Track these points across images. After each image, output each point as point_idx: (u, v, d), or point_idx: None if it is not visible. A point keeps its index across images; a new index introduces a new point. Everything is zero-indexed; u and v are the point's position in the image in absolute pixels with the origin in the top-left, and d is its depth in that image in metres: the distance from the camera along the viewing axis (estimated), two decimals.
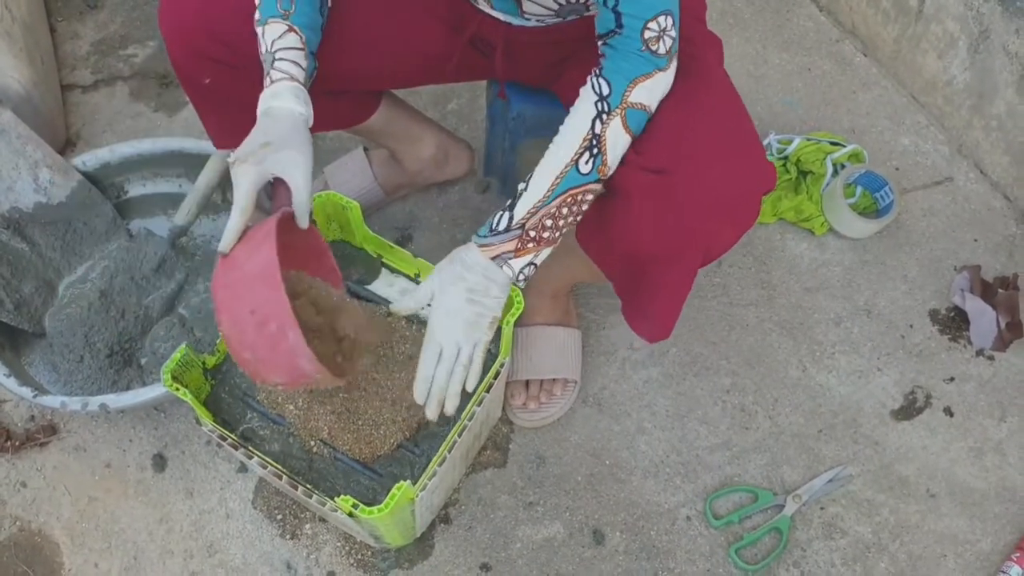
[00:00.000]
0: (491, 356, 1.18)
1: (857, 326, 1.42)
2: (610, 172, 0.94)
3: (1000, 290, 1.41)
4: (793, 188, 1.52)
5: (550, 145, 0.95)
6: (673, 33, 0.90)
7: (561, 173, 0.93)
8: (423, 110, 1.48)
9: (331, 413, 1.11)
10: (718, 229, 0.97)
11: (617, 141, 0.92)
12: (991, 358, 1.40)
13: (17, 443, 1.33)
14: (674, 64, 0.93)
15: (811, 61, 1.71)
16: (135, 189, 1.48)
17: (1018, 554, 1.23)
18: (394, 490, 1.00)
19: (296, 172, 0.94)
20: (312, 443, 1.11)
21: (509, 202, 0.96)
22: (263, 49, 0.98)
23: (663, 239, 0.97)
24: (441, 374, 0.99)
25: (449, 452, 1.07)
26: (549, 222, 0.94)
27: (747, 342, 1.40)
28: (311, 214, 1.01)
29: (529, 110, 1.29)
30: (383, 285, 1.20)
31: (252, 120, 1.22)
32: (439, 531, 1.27)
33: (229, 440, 1.07)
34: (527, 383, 1.34)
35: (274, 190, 0.99)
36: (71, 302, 1.39)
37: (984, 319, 1.39)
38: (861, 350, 1.40)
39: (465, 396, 1.03)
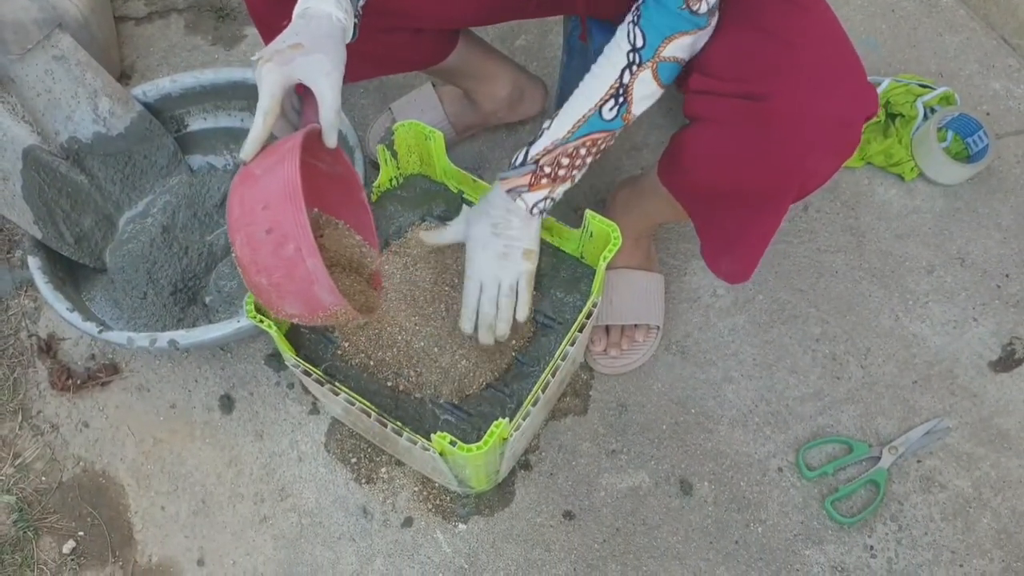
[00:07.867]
0: (581, 296, 1.13)
1: (950, 275, 1.36)
2: (634, 119, 0.94)
3: None
4: (882, 131, 1.44)
5: (579, 85, 0.95)
6: None
7: (584, 117, 0.93)
8: None
9: (417, 351, 1.06)
10: (819, 159, 0.87)
11: (645, 92, 0.92)
12: None
13: (78, 382, 1.28)
14: (715, 20, 0.90)
15: (894, 2, 1.63)
16: (196, 123, 1.42)
17: None
18: (493, 427, 0.95)
19: (324, 80, 0.83)
20: (398, 381, 1.06)
21: (532, 138, 0.97)
22: None
23: (756, 171, 0.89)
24: (487, 305, 1.01)
25: (543, 391, 1.02)
26: (566, 160, 0.95)
27: (836, 289, 1.34)
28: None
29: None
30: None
31: None
32: (519, 477, 1.21)
33: (314, 375, 1.02)
34: (608, 329, 1.28)
35: (303, 106, 0.90)
36: (132, 237, 1.33)
37: None
38: (956, 299, 1.34)
39: (536, 335, 1.06)
